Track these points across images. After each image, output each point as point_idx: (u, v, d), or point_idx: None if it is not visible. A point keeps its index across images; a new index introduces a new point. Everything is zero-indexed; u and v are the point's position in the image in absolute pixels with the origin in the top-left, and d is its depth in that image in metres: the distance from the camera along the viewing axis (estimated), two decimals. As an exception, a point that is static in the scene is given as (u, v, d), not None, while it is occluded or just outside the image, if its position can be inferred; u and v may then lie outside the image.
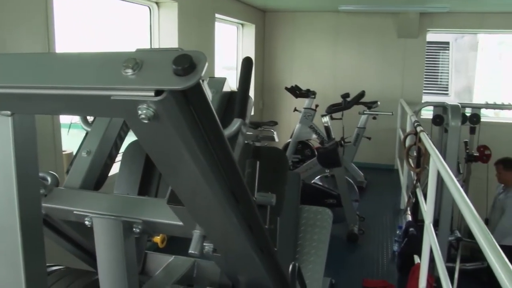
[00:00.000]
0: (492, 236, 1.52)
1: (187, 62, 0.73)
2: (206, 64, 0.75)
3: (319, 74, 7.96)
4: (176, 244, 1.48)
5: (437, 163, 2.65)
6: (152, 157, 0.96)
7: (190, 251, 1.27)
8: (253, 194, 1.40)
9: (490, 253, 1.41)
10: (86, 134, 1.70)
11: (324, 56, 8.08)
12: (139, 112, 0.76)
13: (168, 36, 4.87)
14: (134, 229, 1.43)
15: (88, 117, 1.73)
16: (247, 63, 1.38)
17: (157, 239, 1.78)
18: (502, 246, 4.75)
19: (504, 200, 5.77)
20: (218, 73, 6.22)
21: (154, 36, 4.90)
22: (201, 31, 5.58)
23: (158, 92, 0.74)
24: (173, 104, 0.76)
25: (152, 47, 4.68)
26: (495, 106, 6.10)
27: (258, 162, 1.51)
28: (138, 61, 0.76)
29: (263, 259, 1.42)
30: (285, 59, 8.19)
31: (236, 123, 1.31)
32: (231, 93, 1.48)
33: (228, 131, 1.29)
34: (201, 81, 0.77)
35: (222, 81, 1.49)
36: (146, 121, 0.76)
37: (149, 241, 1.96)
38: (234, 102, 1.37)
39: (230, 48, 7.57)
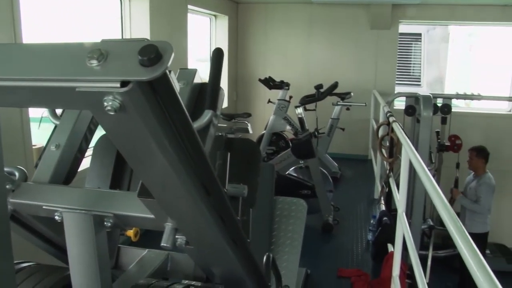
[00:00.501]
0: (461, 224, 1.54)
1: (153, 53, 0.72)
2: (173, 55, 0.74)
3: (293, 65, 7.97)
4: (150, 237, 1.46)
5: (409, 153, 2.68)
6: (120, 150, 0.94)
7: (162, 244, 1.26)
8: (224, 185, 1.40)
9: (460, 240, 1.43)
10: (55, 127, 1.67)
11: (297, 48, 8.08)
12: (105, 104, 0.74)
13: (139, 28, 4.79)
14: (105, 223, 1.42)
15: (56, 110, 1.69)
16: (217, 54, 1.37)
17: (130, 232, 1.76)
18: (473, 234, 4.86)
19: (477, 187, 5.89)
20: (191, 65, 6.17)
21: (125, 28, 4.82)
22: (174, 23, 5.52)
23: (124, 83, 0.73)
24: (139, 95, 0.75)
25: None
26: (465, 97, 6.20)
27: (229, 154, 1.51)
28: (103, 51, 0.74)
29: (236, 250, 1.42)
30: (258, 51, 8.18)
31: (207, 115, 1.30)
32: (202, 84, 1.47)
33: (199, 123, 1.28)
34: (167, 71, 0.76)
35: (193, 72, 1.47)
36: (112, 113, 0.75)
37: (122, 235, 1.94)
38: (205, 94, 1.36)
39: (203, 40, 7.52)
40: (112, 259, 1.98)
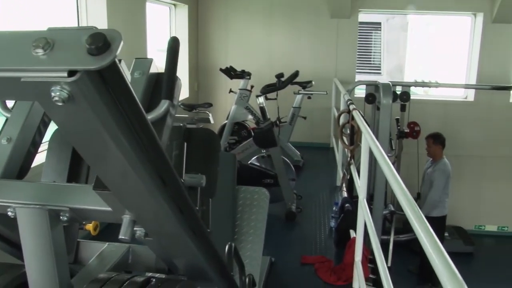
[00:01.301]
0: (418, 209, 1.57)
1: (100, 41, 0.70)
2: (121, 43, 0.72)
3: (254, 54, 7.96)
4: (112, 231, 1.44)
5: (368, 140, 2.72)
6: (72, 142, 0.92)
7: (120, 236, 1.24)
8: (182, 176, 1.38)
9: (417, 224, 1.46)
10: (6, 120, 1.61)
11: (258, 37, 8.08)
12: (52, 94, 0.72)
13: (96, 18, 4.68)
14: (61, 218, 1.38)
15: (7, 102, 1.64)
16: (173, 43, 1.35)
17: (89, 226, 1.73)
18: (432, 217, 5.02)
19: (432, 173, 6.05)
20: (152, 56, 6.07)
21: (81, 19, 4.70)
22: (132, 12, 5.42)
23: (71, 73, 0.70)
24: (88, 85, 0.73)
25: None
26: (423, 84, 6.34)
27: (185, 144, 1.49)
28: (49, 40, 0.72)
29: (196, 241, 1.41)
30: (219, 40, 8.13)
31: (163, 105, 1.28)
32: (159, 74, 1.44)
33: (155, 113, 1.26)
34: (117, 60, 0.74)
35: (149, 62, 1.45)
36: (60, 104, 0.72)
37: (81, 229, 1.90)
38: (162, 84, 1.34)
39: (164, 29, 7.41)
40: (71, 254, 1.93)
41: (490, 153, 8.33)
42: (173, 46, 1.34)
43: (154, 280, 1.45)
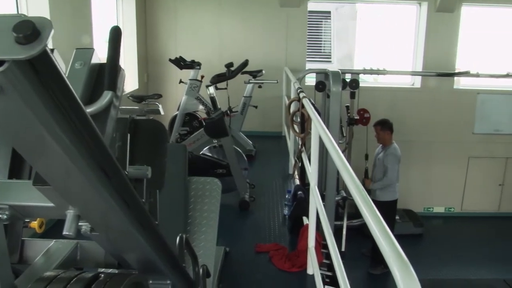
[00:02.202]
0: (366, 194, 1.59)
1: (29, 29, 0.66)
2: (52, 31, 0.68)
3: (204, 44, 7.89)
4: (60, 227, 1.39)
5: (318, 128, 2.74)
6: (5, 136, 0.88)
7: (64, 232, 1.19)
8: (125, 168, 1.35)
9: (365, 210, 1.48)
10: None
11: (208, 26, 8.00)
12: None
13: (37, 7, 4.51)
14: (0, 216, 1.32)
15: None
16: (115, 32, 1.31)
17: (34, 224, 1.67)
18: (383, 202, 5.13)
19: (384, 158, 6.18)
20: (99, 47, 5.92)
21: (21, 7, 4.52)
22: (76, 1, 5.25)
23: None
24: (17, 75, 0.69)
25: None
26: (372, 72, 6.45)
27: (129, 135, 1.45)
28: None
29: (144, 233, 1.39)
30: (168, 31, 8.00)
31: (106, 96, 1.24)
32: (101, 65, 1.40)
33: (98, 105, 1.23)
34: (48, 50, 0.71)
35: (90, 52, 1.40)
36: None
37: (25, 227, 1.84)
38: (104, 75, 1.30)
39: (111, 20, 7.23)
40: (15, 253, 1.86)
41: (436, 138, 8.61)
42: (115, 35, 1.31)
43: (102, 275, 1.41)
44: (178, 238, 1.87)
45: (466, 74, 6.66)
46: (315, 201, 2.97)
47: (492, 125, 8.81)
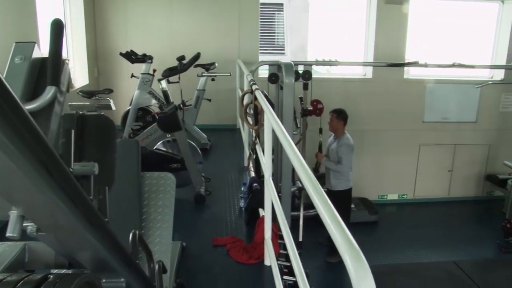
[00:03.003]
0: (318, 184, 1.60)
1: None
2: None
3: (155, 37, 7.76)
4: (4, 229, 1.33)
5: (270, 119, 2.74)
6: None
7: (8, 234, 1.15)
8: (70, 165, 1.31)
9: (317, 199, 1.49)
10: None
11: (159, 19, 7.87)
12: None
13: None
14: None
15: None
16: (56, 25, 1.27)
17: (-24, 228, 1.60)
18: (339, 191, 5.20)
19: (338, 148, 6.26)
20: (46, 43, 5.73)
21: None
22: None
23: None
24: None
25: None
26: (324, 63, 6.51)
27: (73, 131, 1.41)
28: None
29: (93, 232, 1.35)
30: (118, 24, 7.82)
31: (49, 92, 1.21)
32: (44, 59, 1.35)
33: (41, 100, 1.19)
34: None
35: (31, 46, 1.35)
36: None
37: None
38: (47, 69, 1.25)
39: (58, 14, 7.00)
40: None
41: (388, 127, 8.81)
42: (56, 29, 1.26)
43: (52, 276, 1.37)
44: (131, 235, 1.84)
45: (415, 64, 6.83)
46: (270, 193, 2.99)
47: (441, 113, 9.10)
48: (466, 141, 9.26)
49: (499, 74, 9.12)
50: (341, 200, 6.38)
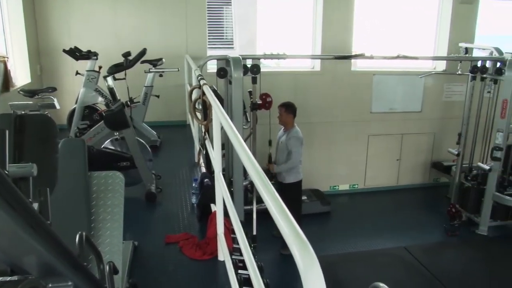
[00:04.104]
0: (265, 177, 1.60)
1: None
2: None
3: (100, 34, 7.56)
4: None
5: (218, 114, 2.73)
6: None
7: None
8: (5, 167, 1.26)
9: (264, 192, 1.49)
10: None
11: (103, 14, 7.65)
12: None
13: None
14: None
15: None
16: None
17: None
18: (289, 184, 5.25)
19: (287, 142, 6.32)
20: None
21: None
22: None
23: None
24: None
25: None
26: (272, 56, 6.52)
27: (7, 131, 1.36)
28: None
29: (35, 235, 1.30)
30: (61, 20, 7.55)
31: None
32: None
33: None
34: None
35: None
36: None
37: None
38: None
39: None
40: None
41: (337, 118, 8.96)
42: None
43: (-9, 284, 1.31)
44: (77, 236, 1.80)
45: (361, 56, 6.94)
46: (220, 188, 2.98)
47: (388, 104, 9.32)
48: (412, 130, 9.53)
49: (442, 65, 9.43)
50: (292, 192, 6.45)
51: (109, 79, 4.64)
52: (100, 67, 6.11)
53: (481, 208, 7.68)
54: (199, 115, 4.65)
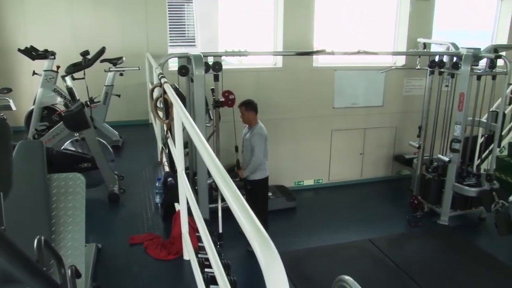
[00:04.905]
0: (226, 174, 1.60)
1: None
2: None
3: (57, 32, 7.35)
4: None
5: (179, 112, 2.70)
6: None
7: None
8: None
9: (225, 190, 1.48)
10: None
11: (60, 12, 7.41)
12: None
13: None
14: None
15: None
16: None
17: None
18: (255, 180, 5.27)
19: (251, 139, 6.32)
20: None
21: None
22: None
23: None
24: None
25: None
26: (233, 53, 6.49)
27: None
28: None
29: None
30: (15, 18, 7.30)
31: None
32: None
33: None
34: None
35: None
36: None
37: None
38: None
39: None
40: None
41: (301, 114, 9.01)
42: None
43: None
44: (36, 241, 1.75)
45: (322, 52, 6.98)
46: (184, 187, 2.96)
47: (350, 99, 9.43)
48: (374, 124, 9.68)
49: (401, 60, 9.59)
50: (259, 189, 6.46)
51: (68, 79, 4.55)
52: (58, 67, 5.98)
53: (442, 199, 7.87)
54: (161, 113, 4.61)
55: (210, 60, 6.10)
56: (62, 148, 4.81)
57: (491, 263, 6.61)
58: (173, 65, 7.24)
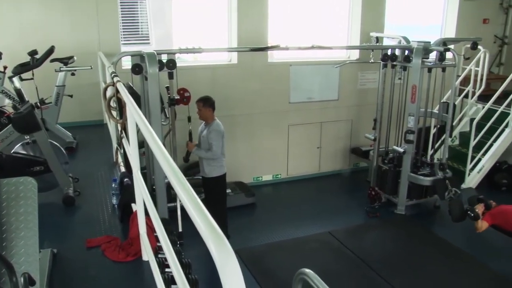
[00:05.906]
0: (180, 173, 1.58)
1: None
2: None
3: (3, 30, 7.05)
4: None
5: (132, 111, 2.66)
6: None
7: None
8: None
9: (179, 189, 1.47)
10: None
11: (5, 11, 7.14)
12: None
13: None
14: None
15: None
16: None
17: None
18: (212, 178, 5.24)
19: (208, 135, 6.29)
20: None
21: None
22: None
23: None
24: None
25: None
26: (187, 51, 6.45)
27: None
28: None
29: None
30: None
31: None
32: None
33: None
34: None
35: None
36: None
37: None
38: None
39: None
40: None
41: (257, 110, 9.04)
42: None
43: None
44: None
45: (276, 48, 7.02)
46: (139, 187, 2.91)
47: (306, 93, 9.50)
48: (331, 118, 9.79)
49: (355, 54, 9.74)
50: (216, 186, 6.44)
51: (15, 79, 4.41)
52: (5, 67, 5.79)
53: (398, 189, 8.05)
54: (114, 113, 4.53)
55: (164, 58, 6.05)
56: (12, 151, 4.66)
57: (447, 249, 6.82)
58: (127, 63, 7.12)
